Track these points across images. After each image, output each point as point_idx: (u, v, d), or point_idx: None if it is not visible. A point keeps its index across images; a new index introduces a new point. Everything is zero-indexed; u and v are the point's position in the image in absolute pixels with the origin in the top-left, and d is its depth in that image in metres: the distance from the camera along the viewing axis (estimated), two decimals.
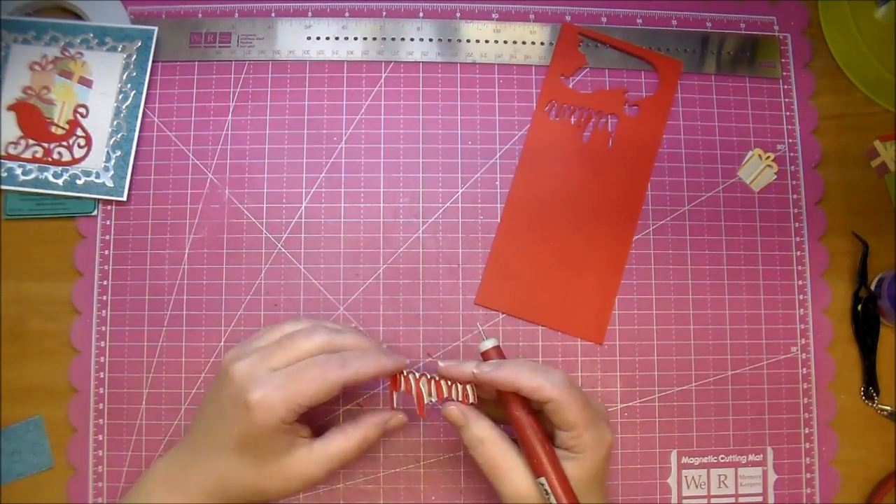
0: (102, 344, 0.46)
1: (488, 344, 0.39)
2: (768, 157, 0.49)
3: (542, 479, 0.36)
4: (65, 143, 0.47)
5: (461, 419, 0.38)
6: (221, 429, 0.37)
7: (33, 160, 0.46)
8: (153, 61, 0.48)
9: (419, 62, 0.49)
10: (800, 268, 0.48)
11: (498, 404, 0.39)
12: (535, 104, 0.49)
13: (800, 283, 0.48)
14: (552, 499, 0.35)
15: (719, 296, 0.47)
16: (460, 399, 0.39)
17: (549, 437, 0.37)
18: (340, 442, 0.38)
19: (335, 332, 0.38)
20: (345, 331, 0.39)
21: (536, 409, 0.38)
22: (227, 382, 0.37)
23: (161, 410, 0.45)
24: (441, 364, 0.39)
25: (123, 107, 0.47)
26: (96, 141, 0.47)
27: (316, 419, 0.44)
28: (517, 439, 0.38)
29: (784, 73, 0.50)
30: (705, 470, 0.46)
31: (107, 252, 0.46)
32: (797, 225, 0.48)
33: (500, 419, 0.39)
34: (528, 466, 0.37)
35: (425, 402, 0.39)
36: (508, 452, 0.37)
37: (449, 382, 0.39)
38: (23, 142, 0.47)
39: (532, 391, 0.36)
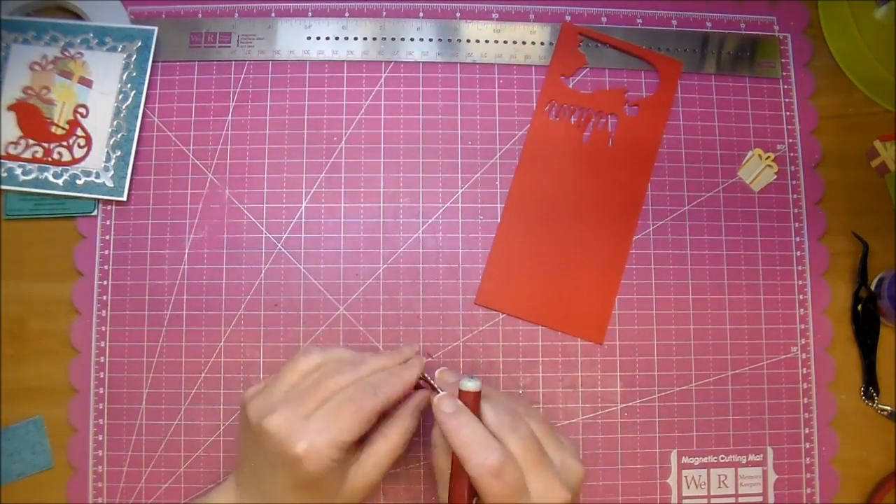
0: (102, 344, 0.46)
1: (468, 385, 0.37)
2: (768, 157, 0.49)
3: None
4: (65, 143, 0.47)
5: (435, 412, 0.37)
6: (276, 482, 0.36)
7: (33, 160, 0.46)
8: (153, 61, 0.48)
9: (419, 62, 0.49)
10: (800, 268, 0.48)
11: None
12: (535, 104, 0.49)
13: (800, 283, 0.48)
14: None
15: (719, 296, 0.47)
16: None
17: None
18: (384, 445, 0.38)
19: (357, 365, 0.38)
20: (365, 358, 0.39)
21: None
22: (267, 438, 0.36)
23: (161, 410, 0.45)
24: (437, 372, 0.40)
25: (123, 107, 0.47)
26: (96, 141, 0.47)
27: None
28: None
29: (784, 73, 0.50)
30: (705, 470, 0.46)
31: (107, 252, 0.46)
32: (797, 225, 0.48)
33: None
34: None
35: None
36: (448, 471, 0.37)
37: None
38: (23, 142, 0.47)
39: (459, 458, 0.34)
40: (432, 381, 0.39)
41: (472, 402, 0.37)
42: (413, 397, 0.40)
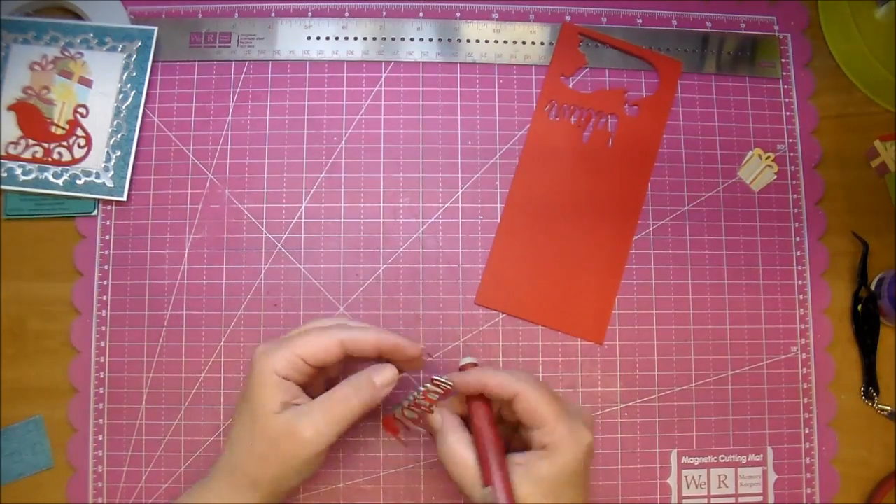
0: (102, 344, 0.46)
1: (466, 360, 0.40)
2: (768, 157, 0.49)
3: (487, 490, 0.35)
4: (65, 143, 0.47)
5: (437, 425, 0.38)
6: (239, 411, 0.38)
7: (33, 160, 0.46)
8: (153, 61, 0.48)
9: (419, 62, 0.49)
10: (800, 268, 0.48)
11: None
12: (535, 104, 0.49)
13: (800, 283, 0.48)
14: None
15: (719, 296, 0.47)
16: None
17: (507, 450, 0.37)
18: (325, 395, 0.37)
19: (351, 321, 0.40)
20: (361, 323, 0.41)
21: (503, 425, 0.39)
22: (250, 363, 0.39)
23: (161, 410, 0.45)
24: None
25: (123, 107, 0.47)
26: (96, 141, 0.47)
27: None
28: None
29: (784, 73, 0.50)
30: (705, 470, 0.46)
31: (107, 252, 0.46)
32: (797, 225, 0.48)
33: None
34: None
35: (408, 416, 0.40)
36: (473, 467, 0.37)
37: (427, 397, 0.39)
38: (23, 142, 0.47)
39: (497, 386, 0.36)
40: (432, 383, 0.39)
41: None
42: (376, 366, 0.39)
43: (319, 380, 0.40)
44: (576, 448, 0.36)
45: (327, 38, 0.49)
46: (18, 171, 0.46)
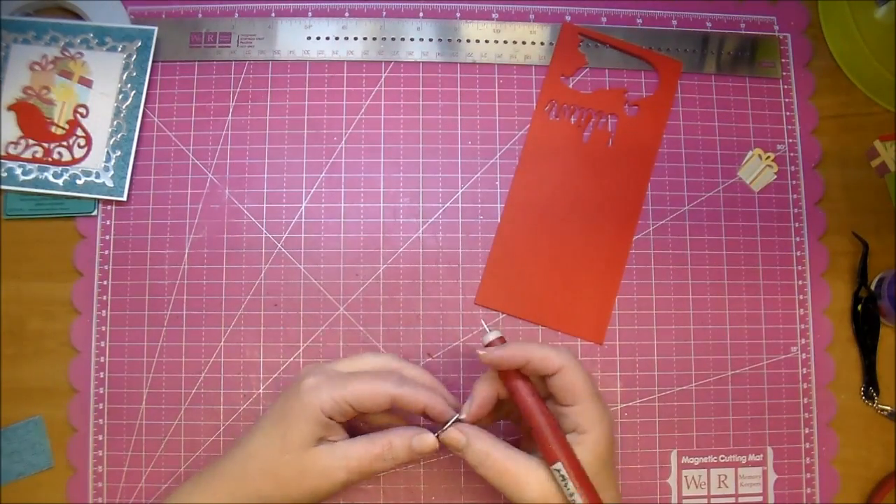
0: (102, 344, 0.46)
1: (492, 336, 0.38)
2: (768, 157, 0.49)
3: (558, 465, 0.35)
4: (65, 143, 0.47)
5: (461, 439, 0.37)
6: (268, 412, 0.39)
7: (33, 160, 0.46)
8: (153, 61, 0.48)
9: (419, 62, 0.49)
10: (800, 268, 0.48)
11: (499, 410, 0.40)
12: (535, 104, 0.49)
13: (800, 283, 0.48)
14: (569, 484, 0.35)
15: (719, 296, 0.47)
16: None
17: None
18: (363, 443, 0.38)
19: (403, 361, 0.41)
20: (414, 366, 0.41)
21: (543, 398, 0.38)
22: (294, 381, 0.39)
23: (161, 410, 0.45)
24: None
25: (123, 107, 0.47)
26: (96, 141, 0.47)
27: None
28: (527, 428, 0.37)
29: (784, 73, 0.50)
30: (705, 470, 0.46)
31: (107, 252, 0.46)
32: (797, 225, 0.48)
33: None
34: (541, 460, 0.36)
35: None
36: (518, 457, 0.36)
37: None
38: (23, 142, 0.47)
39: (540, 360, 0.36)
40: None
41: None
42: (411, 427, 0.39)
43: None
44: (605, 427, 0.36)
45: (327, 38, 0.49)
46: (18, 171, 0.46)
